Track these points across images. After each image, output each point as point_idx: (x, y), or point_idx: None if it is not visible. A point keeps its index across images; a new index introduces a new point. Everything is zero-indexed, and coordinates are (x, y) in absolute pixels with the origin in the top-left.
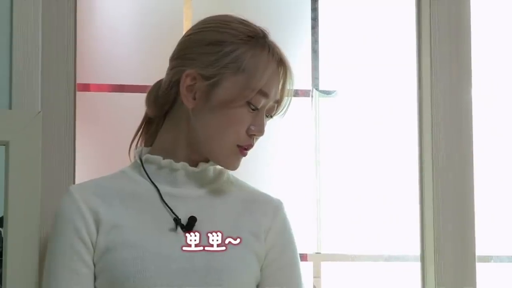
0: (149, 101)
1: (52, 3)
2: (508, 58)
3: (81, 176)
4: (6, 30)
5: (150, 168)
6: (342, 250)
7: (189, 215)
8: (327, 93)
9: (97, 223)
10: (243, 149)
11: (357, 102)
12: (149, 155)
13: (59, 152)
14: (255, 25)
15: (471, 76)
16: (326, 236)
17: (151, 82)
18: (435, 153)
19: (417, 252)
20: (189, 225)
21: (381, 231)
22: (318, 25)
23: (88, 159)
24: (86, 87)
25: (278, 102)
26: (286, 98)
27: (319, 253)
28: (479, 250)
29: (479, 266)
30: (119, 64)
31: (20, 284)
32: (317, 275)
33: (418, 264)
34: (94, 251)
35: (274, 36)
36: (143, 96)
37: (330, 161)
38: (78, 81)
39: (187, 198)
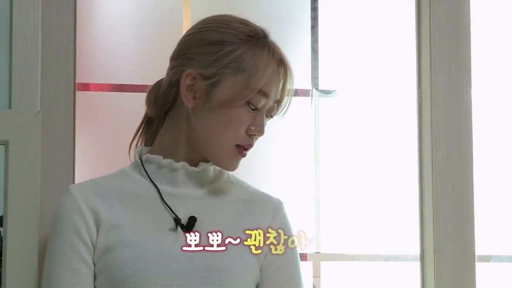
0: (149, 101)
1: (51, 3)
2: (507, 57)
3: (80, 176)
4: (5, 30)
5: (150, 168)
6: (341, 249)
7: (189, 215)
8: (326, 92)
9: (97, 223)
10: (243, 149)
11: (357, 101)
12: (149, 155)
13: (59, 152)
14: (255, 25)
15: (470, 75)
16: (326, 235)
17: (151, 81)
18: (435, 152)
19: (417, 251)
20: (189, 225)
21: (380, 231)
22: (317, 25)
23: (87, 158)
24: (85, 87)
25: (278, 102)
26: (286, 98)
27: (319, 252)
28: (479, 250)
29: (479, 266)
30: (118, 64)
31: (19, 284)
32: (316, 275)
33: (417, 264)
34: (94, 251)
35: (274, 36)
36: (143, 96)
37: (329, 160)
38: (78, 80)
39: (187, 198)
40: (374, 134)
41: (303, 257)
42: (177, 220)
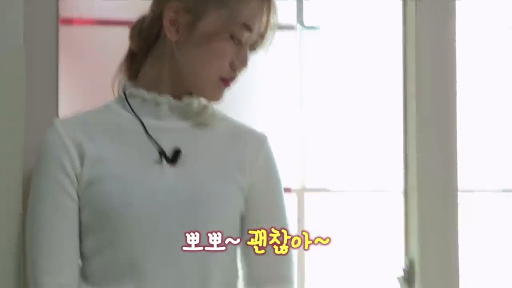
0: (133, 35)
1: None
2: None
3: (64, 111)
4: None
5: (134, 102)
6: (326, 184)
7: (174, 147)
8: (311, 28)
9: (81, 157)
10: (227, 81)
11: (342, 36)
12: (133, 89)
13: (42, 87)
14: None
15: (455, 9)
16: (310, 171)
17: (135, 16)
18: (418, 84)
19: (401, 187)
20: (174, 157)
21: (364, 166)
22: None
23: (71, 93)
24: (69, 21)
25: (262, 36)
26: (269, 32)
27: (303, 187)
28: (462, 185)
29: (461, 196)
30: None
31: (3, 218)
32: (300, 207)
33: (401, 196)
34: (78, 184)
35: None
36: (127, 31)
37: (314, 95)
38: (61, 15)
39: (172, 131)
40: (359, 68)
41: (287, 190)
42: (161, 153)
